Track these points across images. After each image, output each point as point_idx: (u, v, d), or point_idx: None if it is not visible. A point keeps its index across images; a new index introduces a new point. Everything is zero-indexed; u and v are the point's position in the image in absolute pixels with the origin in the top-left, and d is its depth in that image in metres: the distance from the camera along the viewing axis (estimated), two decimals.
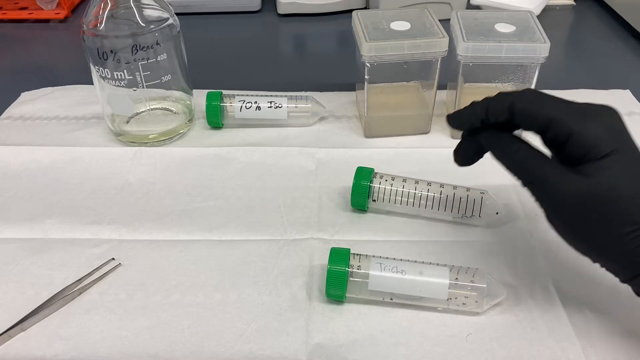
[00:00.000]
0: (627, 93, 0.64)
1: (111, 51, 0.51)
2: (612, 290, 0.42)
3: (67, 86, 0.67)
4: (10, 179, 0.53)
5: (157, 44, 0.52)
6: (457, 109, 0.56)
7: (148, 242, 0.46)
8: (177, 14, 0.54)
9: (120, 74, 0.52)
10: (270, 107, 0.58)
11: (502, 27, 0.53)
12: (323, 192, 0.51)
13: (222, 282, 0.43)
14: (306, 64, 0.75)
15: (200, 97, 0.59)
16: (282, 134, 0.59)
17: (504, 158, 0.38)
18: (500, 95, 0.37)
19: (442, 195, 0.46)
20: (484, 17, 0.55)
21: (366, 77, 0.54)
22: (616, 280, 0.42)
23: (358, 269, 0.40)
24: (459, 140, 0.40)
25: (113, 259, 0.45)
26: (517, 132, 0.39)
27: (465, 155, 0.41)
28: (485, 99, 0.38)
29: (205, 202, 0.50)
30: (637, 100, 0.63)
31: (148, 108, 0.57)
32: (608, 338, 0.38)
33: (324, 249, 0.44)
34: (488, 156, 0.55)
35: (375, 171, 0.48)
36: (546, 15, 0.83)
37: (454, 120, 0.41)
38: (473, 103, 0.39)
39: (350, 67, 0.60)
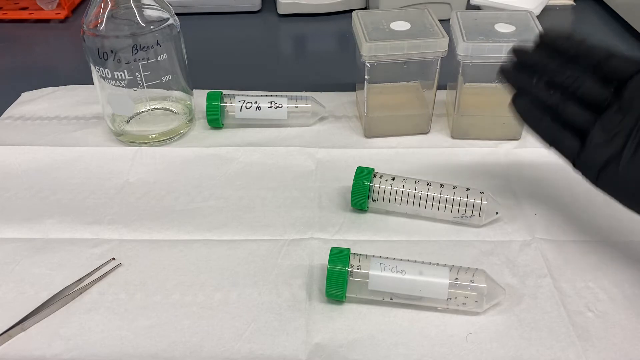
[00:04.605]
0: None
1: (111, 51, 0.51)
2: (612, 289, 0.42)
3: (68, 86, 0.67)
4: (10, 179, 0.53)
5: (158, 44, 0.52)
6: (457, 109, 0.56)
7: (148, 242, 0.46)
8: (177, 14, 0.54)
9: (121, 74, 0.52)
10: (271, 107, 0.58)
11: (502, 27, 0.53)
12: (323, 192, 0.51)
13: (222, 282, 0.43)
14: (306, 64, 0.75)
15: (200, 97, 0.59)
16: (282, 134, 0.59)
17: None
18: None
19: (442, 195, 0.46)
20: (484, 17, 0.55)
21: (366, 77, 0.54)
22: (616, 279, 0.42)
23: (358, 269, 0.40)
24: (458, 140, 0.40)
25: (113, 259, 0.45)
26: None
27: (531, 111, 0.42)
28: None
29: (205, 202, 0.51)
30: None
31: (148, 108, 0.57)
32: (608, 338, 0.38)
33: (324, 249, 0.44)
34: (487, 157, 0.55)
35: (375, 171, 0.48)
36: (546, 15, 0.83)
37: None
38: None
39: (350, 67, 0.60)
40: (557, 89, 0.40)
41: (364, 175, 0.47)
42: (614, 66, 0.39)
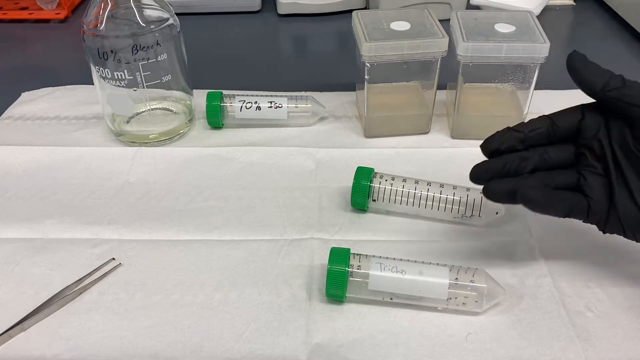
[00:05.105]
0: None
1: (111, 51, 0.51)
2: (612, 289, 0.42)
3: (67, 86, 0.67)
4: (10, 179, 0.53)
5: (158, 44, 0.52)
6: (457, 109, 0.56)
7: (148, 242, 0.46)
8: (177, 14, 0.54)
9: (121, 74, 0.52)
10: (271, 107, 0.58)
11: (502, 27, 0.53)
12: (323, 192, 0.51)
13: (222, 282, 0.43)
14: (306, 64, 0.75)
15: (200, 97, 0.59)
16: (282, 134, 0.59)
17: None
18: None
19: (442, 195, 0.46)
20: (484, 17, 0.55)
21: (366, 77, 0.54)
22: (616, 279, 0.42)
23: (358, 269, 0.40)
24: (458, 140, 0.40)
25: (113, 259, 0.45)
26: None
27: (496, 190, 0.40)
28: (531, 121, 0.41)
29: (205, 202, 0.51)
30: None
31: (148, 108, 0.58)
32: (608, 338, 0.38)
33: (324, 249, 0.44)
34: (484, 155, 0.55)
35: (375, 171, 0.48)
36: (546, 15, 0.83)
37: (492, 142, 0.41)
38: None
39: (350, 67, 0.60)
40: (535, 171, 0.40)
41: (364, 175, 0.47)
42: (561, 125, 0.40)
